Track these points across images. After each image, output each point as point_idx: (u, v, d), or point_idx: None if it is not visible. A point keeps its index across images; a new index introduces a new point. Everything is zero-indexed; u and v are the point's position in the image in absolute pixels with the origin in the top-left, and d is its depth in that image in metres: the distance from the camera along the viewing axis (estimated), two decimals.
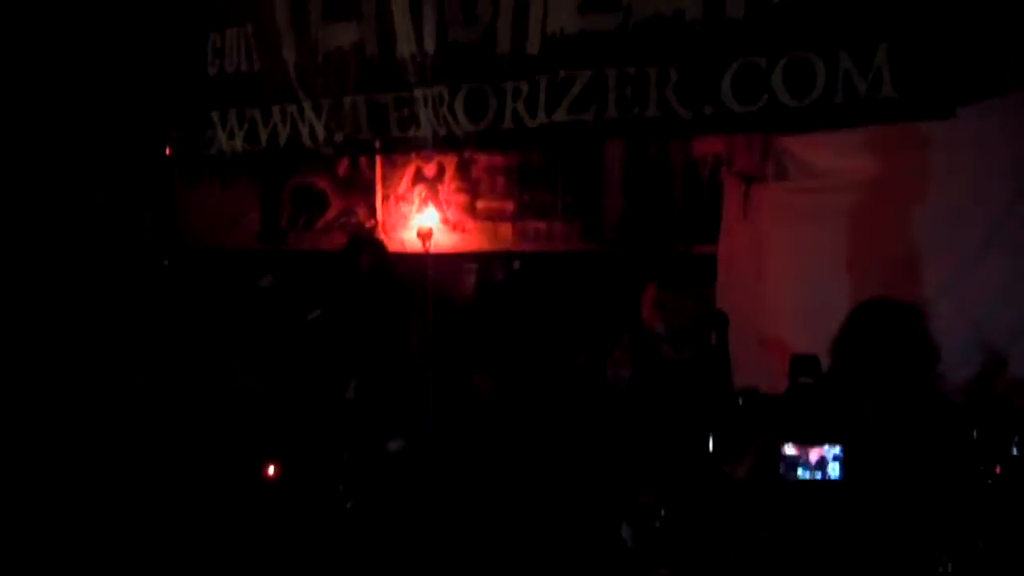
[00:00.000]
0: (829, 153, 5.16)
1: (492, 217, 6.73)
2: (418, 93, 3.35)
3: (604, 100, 2.89)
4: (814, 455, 1.65)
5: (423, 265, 6.18)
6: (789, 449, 1.65)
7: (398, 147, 3.51)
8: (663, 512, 1.64)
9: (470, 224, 6.72)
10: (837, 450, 1.65)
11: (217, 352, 5.43)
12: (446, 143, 3.34)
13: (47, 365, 4.79)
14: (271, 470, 4.77)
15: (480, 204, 6.73)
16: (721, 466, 1.65)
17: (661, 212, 6.39)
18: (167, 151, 3.90)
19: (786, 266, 5.34)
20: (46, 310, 5.26)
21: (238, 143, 3.80)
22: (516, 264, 3.85)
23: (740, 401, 2.09)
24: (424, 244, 6.38)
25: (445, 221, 6.68)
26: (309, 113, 3.60)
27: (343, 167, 6.67)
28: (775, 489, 1.66)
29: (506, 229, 6.73)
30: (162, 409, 4.04)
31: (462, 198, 6.73)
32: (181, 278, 3.86)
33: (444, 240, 6.62)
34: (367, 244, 3.95)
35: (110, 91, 3.80)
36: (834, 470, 1.64)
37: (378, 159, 6.60)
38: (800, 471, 1.65)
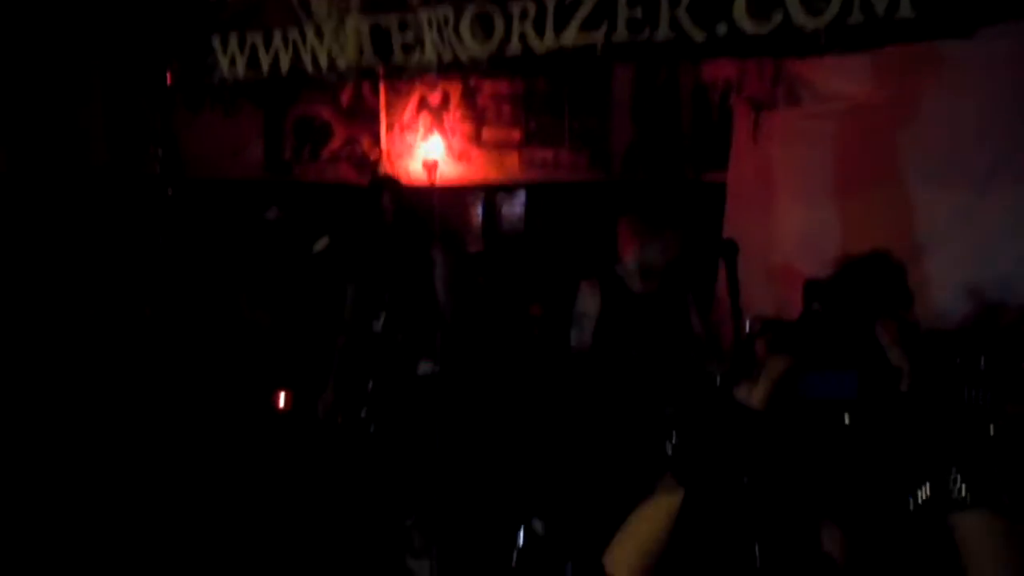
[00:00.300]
0: (841, 77, 5.09)
1: (498, 146, 6.65)
2: (422, 15, 3.26)
3: (614, 21, 2.80)
4: (831, 378, 1.65)
5: (429, 197, 6.14)
6: (806, 373, 1.64)
7: (402, 73, 3.42)
8: (675, 438, 1.64)
9: (476, 153, 6.65)
10: (853, 373, 1.64)
11: (223, 283, 5.43)
12: (451, 68, 3.26)
13: (52, 294, 4.79)
14: (281, 400, 4.81)
15: (486, 133, 6.64)
16: (734, 392, 1.64)
17: (670, 139, 6.31)
18: (168, 78, 3.82)
19: (796, 192, 5.30)
20: (50, 239, 5.25)
21: (240, 70, 3.72)
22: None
23: (751, 327, 2.07)
24: (429, 176, 6.32)
25: (450, 150, 6.60)
26: (311, 38, 3.51)
27: (346, 96, 6.57)
28: (791, 411, 1.65)
29: (512, 158, 6.65)
30: (170, 339, 4.04)
31: (467, 127, 6.64)
32: (186, 208, 3.83)
33: (449, 170, 6.55)
34: (388, 184, 3.97)
35: (109, 17, 3.72)
36: (850, 390, 1.65)
37: (382, 87, 6.49)
38: (817, 392, 1.65)
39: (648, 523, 1.65)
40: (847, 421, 1.77)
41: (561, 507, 3.17)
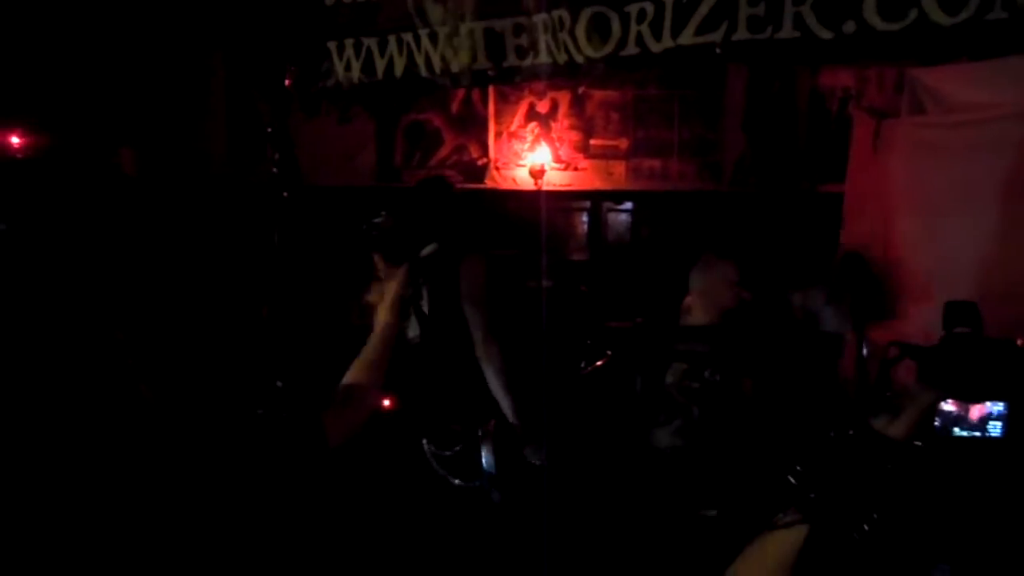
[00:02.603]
0: (969, 85, 4.82)
1: (605, 155, 6.60)
2: (537, 19, 3.23)
3: (734, 20, 2.71)
4: (975, 412, 1.49)
5: (535, 203, 6.14)
6: (947, 405, 1.50)
7: (515, 76, 3.40)
8: (799, 469, 1.52)
9: (583, 162, 6.61)
10: (1000, 407, 1.49)
11: (334, 289, 5.52)
12: (565, 71, 3.22)
13: (175, 294, 4.95)
14: (385, 402, 4.83)
15: (594, 141, 6.60)
16: (870, 421, 1.51)
17: (784, 149, 6.12)
18: (286, 83, 3.90)
19: (919, 206, 5.05)
20: (174, 240, 5.44)
21: (355, 74, 3.77)
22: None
23: (888, 351, 1.93)
24: (536, 182, 6.32)
25: (557, 159, 6.58)
26: (425, 42, 3.53)
27: (456, 103, 6.64)
28: (931, 447, 1.51)
29: (619, 167, 6.59)
30: (286, 339, 4.12)
31: (575, 135, 6.61)
32: (300, 212, 3.90)
33: (556, 178, 6.53)
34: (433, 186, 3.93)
35: (232, 24, 3.84)
36: (995, 428, 1.49)
37: (491, 95, 6.54)
38: (959, 429, 1.50)
39: (765, 562, 1.53)
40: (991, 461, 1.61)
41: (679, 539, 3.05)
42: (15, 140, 4.97)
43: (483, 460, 3.95)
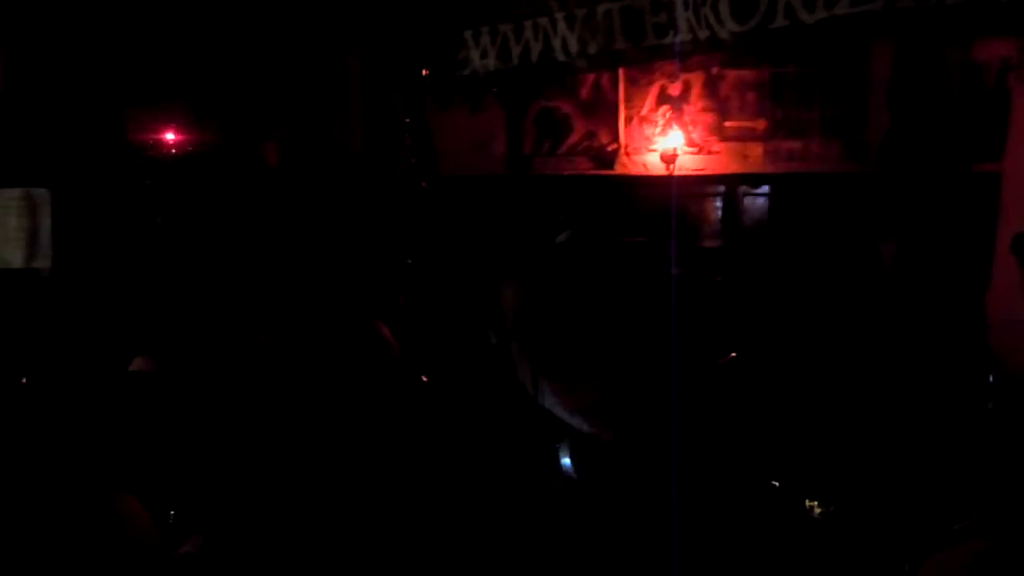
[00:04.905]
0: None
1: (741, 137, 6.38)
2: None
3: None
4: None
5: (667, 189, 6.01)
6: None
7: (654, 55, 3.32)
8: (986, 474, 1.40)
9: (717, 145, 6.42)
10: None
11: (471, 277, 5.56)
12: (707, 47, 3.11)
13: (320, 283, 5.10)
14: None
15: (728, 123, 6.39)
16: None
17: (936, 126, 5.77)
18: (424, 72, 3.94)
19: None
20: (317, 230, 5.61)
21: (491, 61, 3.78)
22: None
23: None
24: (668, 167, 6.18)
25: (690, 142, 6.41)
26: (562, 25, 3.50)
27: (586, 89, 6.57)
28: None
29: (756, 149, 6.36)
30: (423, 326, 4.17)
31: (709, 117, 6.42)
32: (438, 202, 3.94)
33: (689, 163, 6.37)
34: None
35: (368, 16, 3.90)
36: None
37: (621, 79, 6.42)
38: None
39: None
40: None
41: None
42: (170, 136, 5.24)
43: (562, 462, 3.87)
